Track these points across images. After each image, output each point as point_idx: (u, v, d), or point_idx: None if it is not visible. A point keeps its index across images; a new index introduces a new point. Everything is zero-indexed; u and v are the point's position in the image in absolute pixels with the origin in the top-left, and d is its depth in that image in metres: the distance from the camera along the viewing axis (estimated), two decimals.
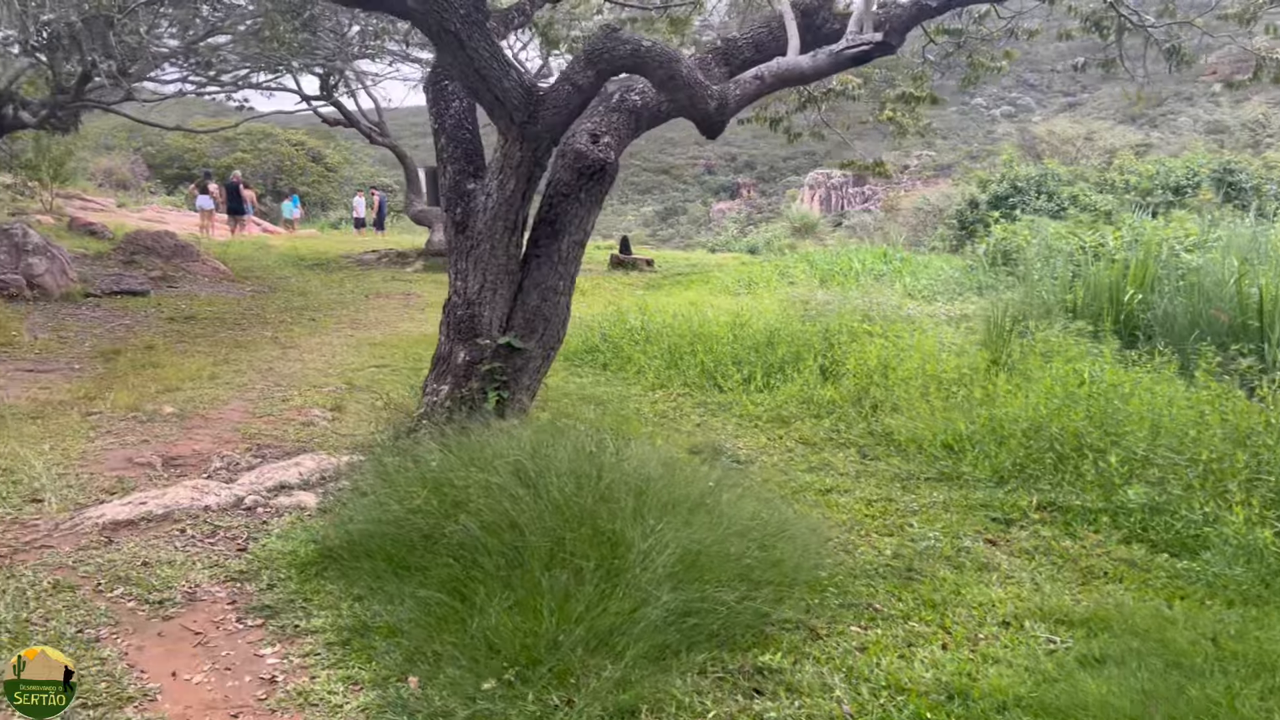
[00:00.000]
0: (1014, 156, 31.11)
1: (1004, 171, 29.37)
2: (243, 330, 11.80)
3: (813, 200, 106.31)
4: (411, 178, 22.94)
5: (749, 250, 41.66)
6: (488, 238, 5.71)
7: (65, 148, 25.67)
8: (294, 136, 57.64)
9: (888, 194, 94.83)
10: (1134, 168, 26.78)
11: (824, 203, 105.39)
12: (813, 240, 44.23)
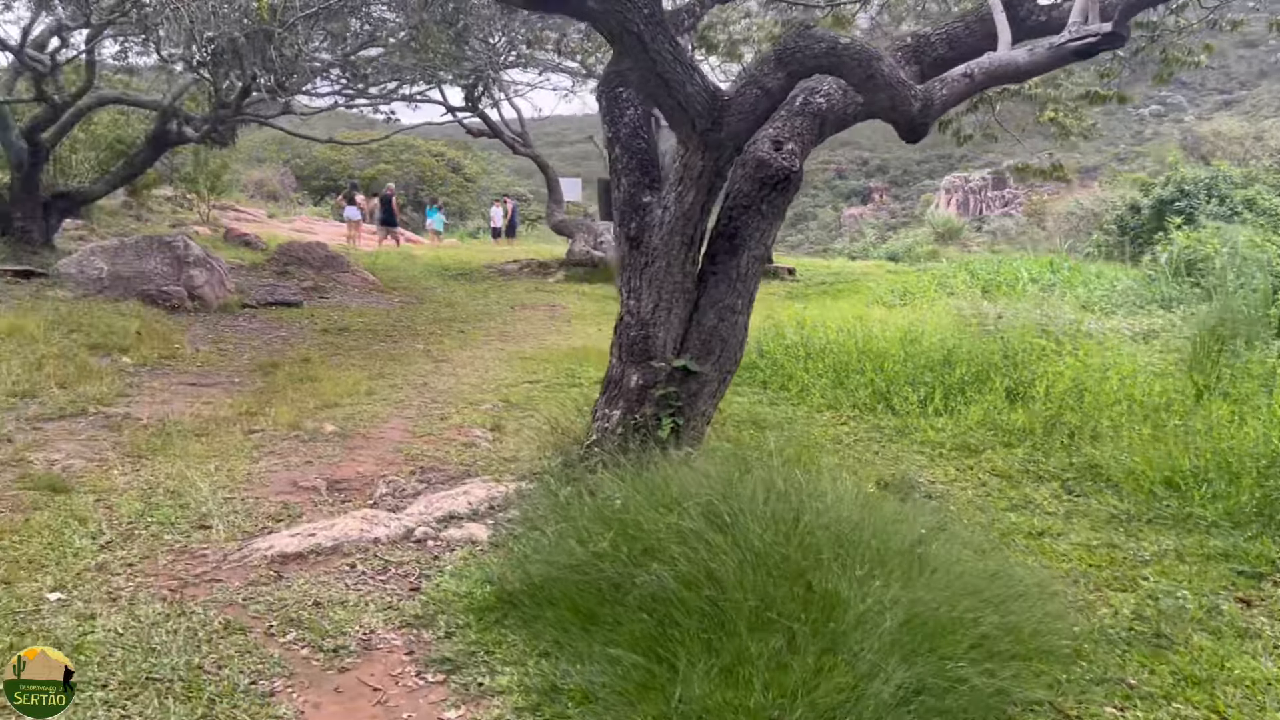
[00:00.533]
0: (1179, 158, 29.25)
1: (1169, 174, 27.64)
2: (395, 343, 11.77)
3: (949, 204, 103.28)
4: (552, 187, 22.93)
5: (889, 257, 40.49)
6: (664, 254, 5.33)
7: (222, 161, 26.67)
8: (434, 148, 58.99)
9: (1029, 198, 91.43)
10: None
11: (961, 207, 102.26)
12: (956, 246, 42.73)
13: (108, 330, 9.97)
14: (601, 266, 20.46)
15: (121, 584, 4.23)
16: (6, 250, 13.66)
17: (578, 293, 17.82)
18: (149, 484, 5.61)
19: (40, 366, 8.14)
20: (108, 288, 12.20)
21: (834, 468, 5.86)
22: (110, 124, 21.51)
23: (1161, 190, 27.01)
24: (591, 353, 10.87)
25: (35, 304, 10.71)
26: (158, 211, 26.00)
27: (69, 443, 6.44)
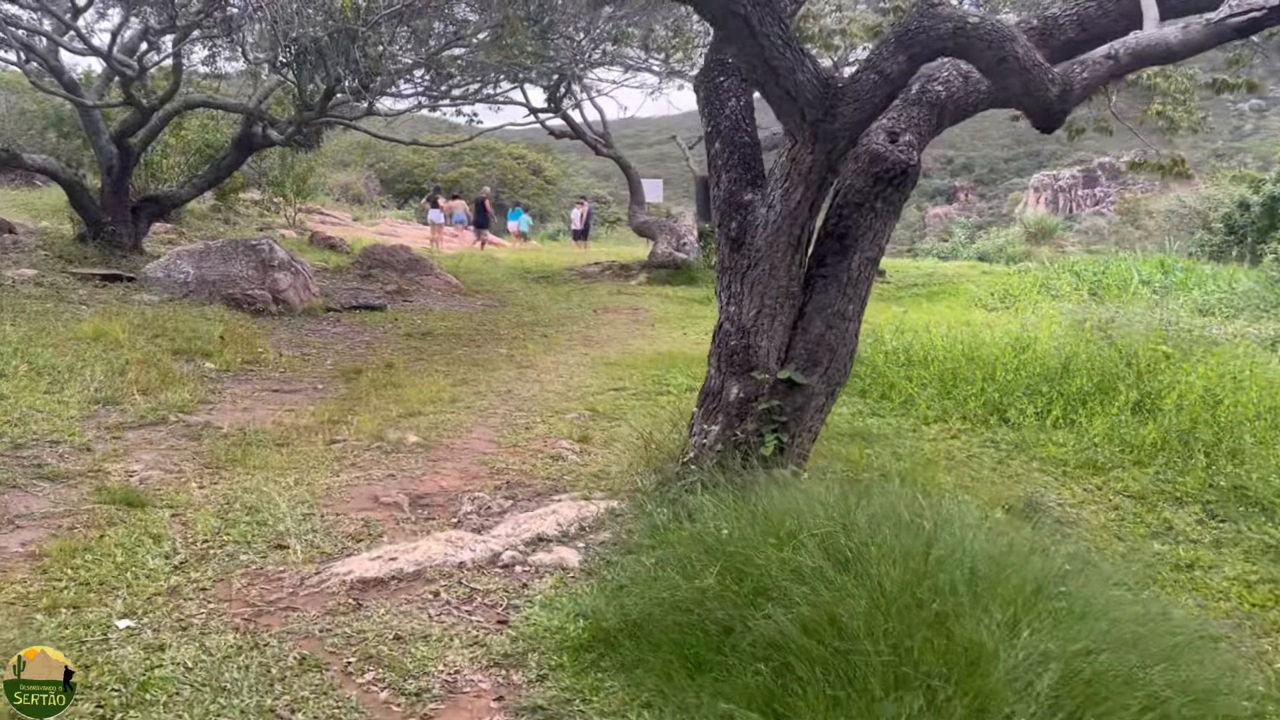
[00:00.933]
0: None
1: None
2: (477, 347, 11.54)
3: (1038, 203, 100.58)
4: (634, 188, 22.62)
5: (979, 258, 39.36)
6: (767, 256, 4.92)
7: (307, 165, 26.92)
8: (515, 150, 59.29)
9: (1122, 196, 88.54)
10: None
11: (1051, 205, 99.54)
12: (1050, 247, 41.36)
13: (192, 335, 9.89)
14: (684, 269, 20.09)
15: (193, 611, 3.96)
16: (97, 254, 13.78)
17: (661, 295, 17.46)
18: (226, 498, 5.38)
19: (123, 372, 8.03)
20: (193, 291, 12.20)
21: (952, 488, 5.39)
22: (199, 129, 21.82)
23: (1274, 187, 25.66)
24: (678, 358, 10.49)
25: (122, 308, 10.70)
26: (245, 215, 26.33)
27: (148, 452, 6.27)
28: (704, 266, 20.71)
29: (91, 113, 13.64)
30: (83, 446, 6.20)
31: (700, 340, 12.30)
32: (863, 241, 5.00)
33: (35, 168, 13.17)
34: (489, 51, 11.00)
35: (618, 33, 11.95)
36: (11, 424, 6.36)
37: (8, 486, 5.33)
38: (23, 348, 8.13)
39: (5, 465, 5.65)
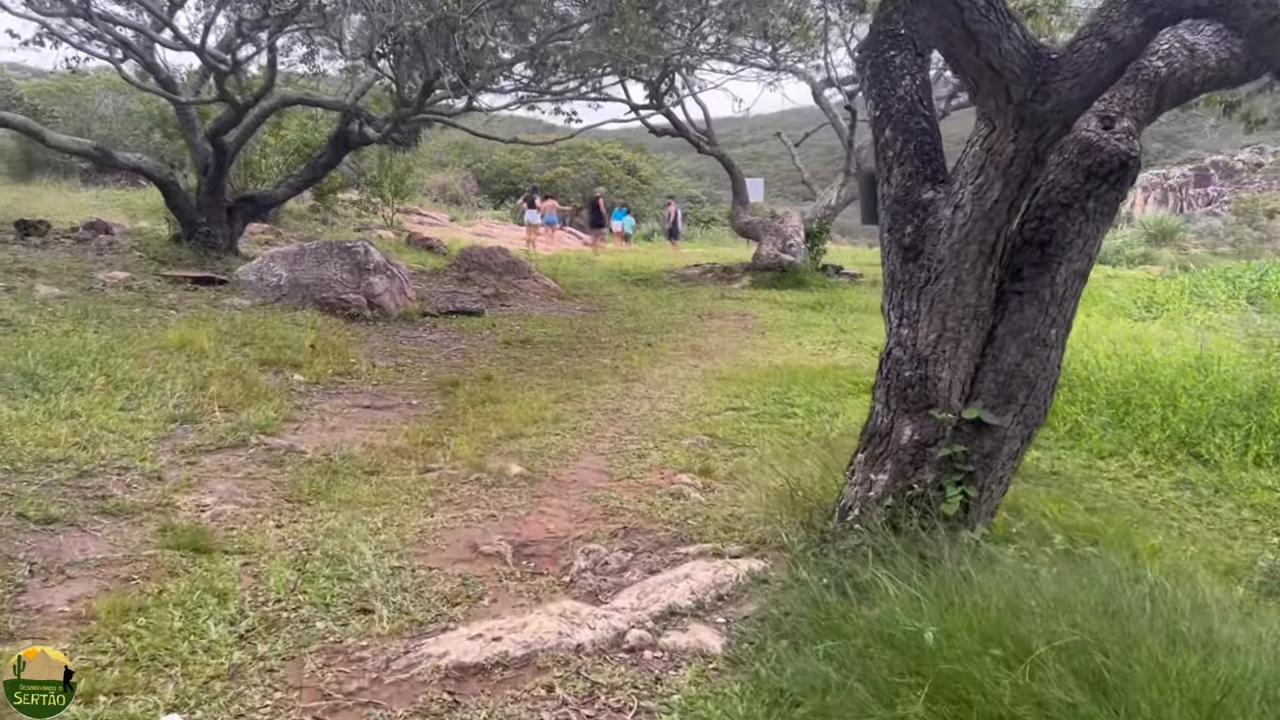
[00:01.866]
0: None
1: None
2: (579, 357, 10.79)
3: (1147, 202, 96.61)
4: (738, 188, 21.71)
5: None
6: (952, 267, 4.01)
7: (405, 165, 26.67)
8: (610, 150, 58.82)
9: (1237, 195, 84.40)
10: None
11: (1160, 205, 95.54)
12: (1172, 248, 39.14)
13: (281, 343, 9.33)
14: (791, 271, 19.11)
15: (255, 702, 3.24)
16: (191, 255, 13.44)
17: (768, 300, 16.53)
18: (305, 543, 4.68)
19: (205, 386, 7.46)
20: (286, 295, 11.71)
21: (1173, 553, 4.40)
22: (299, 128, 21.63)
23: None
24: (799, 373, 9.59)
25: (210, 313, 10.23)
26: (343, 215, 26.19)
27: (224, 481, 5.62)
28: (811, 269, 19.73)
29: (187, 111, 13.31)
30: (153, 474, 5.58)
31: (818, 351, 11.38)
32: (1070, 250, 4.05)
33: (128, 166, 12.87)
34: (597, 41, 10.19)
35: (734, 19, 11.07)
36: (80, 446, 5.78)
37: (66, 525, 4.72)
38: (102, 358, 7.61)
39: (67, 498, 5.04)
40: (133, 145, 23.94)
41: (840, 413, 7.77)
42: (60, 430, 5.95)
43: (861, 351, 11.34)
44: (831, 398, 8.43)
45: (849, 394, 8.57)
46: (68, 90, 29.37)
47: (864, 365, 10.26)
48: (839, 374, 9.54)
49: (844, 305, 15.37)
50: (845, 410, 7.84)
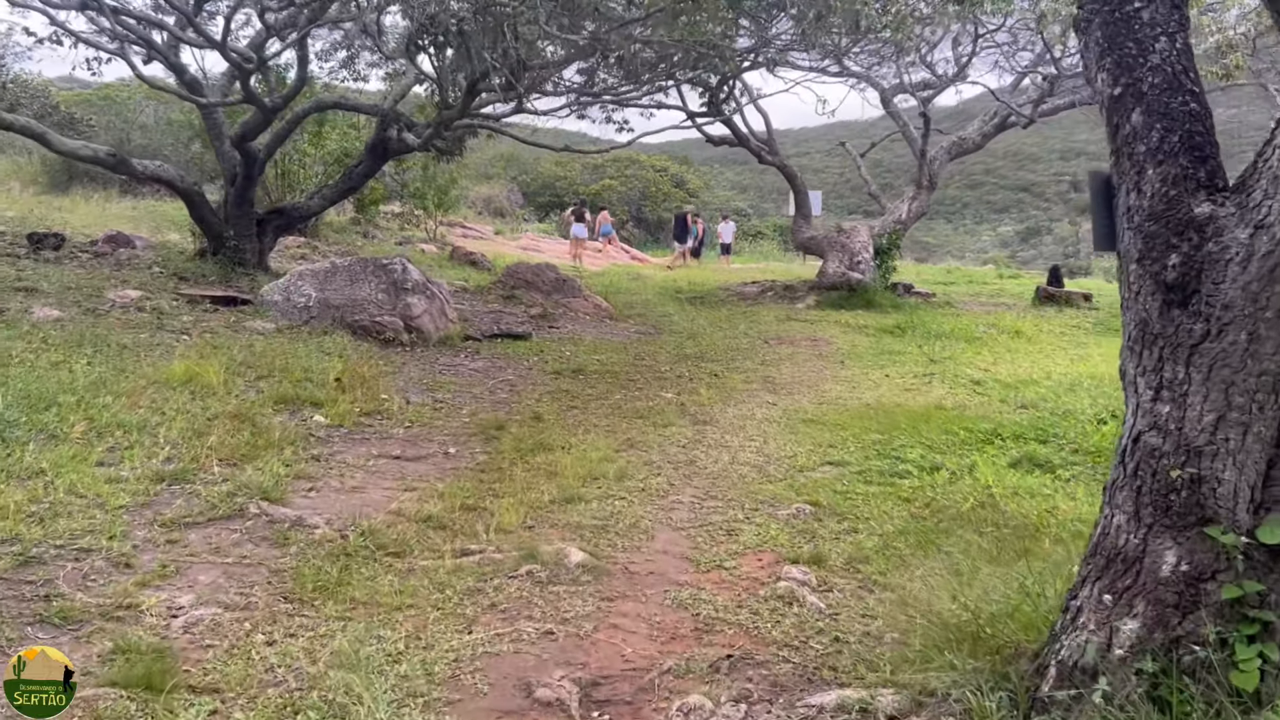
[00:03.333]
0: None
1: None
2: (638, 390, 9.54)
3: None
4: (800, 200, 20.40)
5: None
6: (1246, 317, 2.69)
7: (450, 176, 25.65)
8: (657, 162, 57.76)
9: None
10: None
11: None
12: None
13: (303, 375, 8.17)
14: (860, 290, 17.75)
15: None
16: (215, 271, 12.39)
17: (838, 323, 15.17)
18: (299, 676, 3.45)
19: (207, 432, 6.30)
20: (315, 318, 10.58)
21: None
22: (340, 137, 20.62)
23: None
24: (898, 415, 8.27)
25: (228, 339, 9.11)
26: (385, 228, 25.22)
27: (208, 569, 4.42)
28: (881, 288, 18.34)
29: (214, 114, 12.28)
30: (120, 559, 4.39)
31: (911, 386, 10.03)
32: None
33: (147, 175, 11.85)
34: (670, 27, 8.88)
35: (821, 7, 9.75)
36: (34, 519, 4.62)
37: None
38: (89, 397, 6.48)
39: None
40: (172, 156, 23.14)
41: (963, 472, 6.44)
42: (13, 497, 4.79)
43: (960, 387, 9.97)
44: (946, 450, 7.09)
45: (965, 444, 7.22)
46: (109, 100, 28.76)
47: (970, 406, 8.91)
48: (945, 418, 8.20)
49: (927, 330, 13.97)
50: (969, 468, 6.51)
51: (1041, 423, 7.77)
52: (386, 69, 17.01)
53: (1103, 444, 6.94)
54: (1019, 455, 6.76)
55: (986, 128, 19.71)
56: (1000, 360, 12.01)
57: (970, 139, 19.76)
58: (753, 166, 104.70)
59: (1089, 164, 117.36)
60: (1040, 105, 17.90)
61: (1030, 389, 9.69)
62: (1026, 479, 6.23)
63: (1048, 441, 7.26)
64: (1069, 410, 8.30)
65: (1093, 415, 7.94)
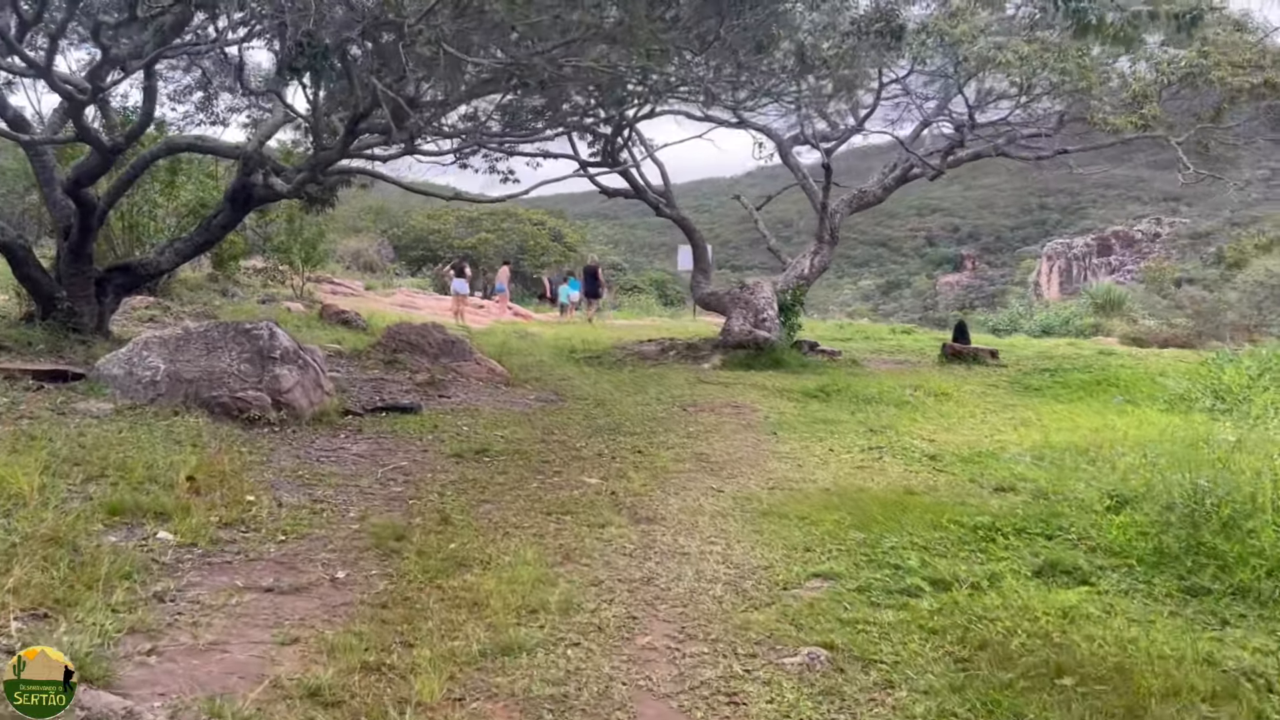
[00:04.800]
0: None
1: None
2: (559, 476, 8.15)
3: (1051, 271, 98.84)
4: (699, 255, 19.42)
5: (1043, 330, 36.23)
6: None
7: (318, 229, 23.86)
8: (535, 216, 56.67)
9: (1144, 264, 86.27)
10: None
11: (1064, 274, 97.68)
12: (1120, 318, 38.12)
13: (146, 474, 6.51)
14: (768, 350, 16.77)
15: None
16: (45, 339, 10.48)
17: (755, 386, 14.08)
18: None
19: (6, 567, 4.64)
20: (163, 395, 8.86)
21: None
22: (197, 186, 18.66)
23: None
24: (864, 502, 7.15)
25: (51, 427, 7.36)
26: (247, 285, 23.17)
27: None
28: (788, 347, 17.41)
29: (43, 157, 10.47)
30: None
31: (863, 463, 8.95)
32: None
33: None
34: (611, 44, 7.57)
35: (761, 37, 8.68)
36: None
37: None
38: None
39: None
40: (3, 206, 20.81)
41: (984, 585, 5.27)
42: None
43: (916, 463, 8.92)
44: (945, 552, 5.94)
45: (964, 544, 6.09)
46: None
47: (940, 488, 7.85)
48: (922, 506, 7.09)
49: (852, 394, 13.00)
50: (990, 580, 5.35)
51: (1037, 512, 6.71)
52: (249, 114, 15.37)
53: (1124, 540, 5.90)
54: (1039, 561, 5.64)
55: (887, 180, 19.17)
56: (941, 428, 11.09)
57: (871, 191, 19.18)
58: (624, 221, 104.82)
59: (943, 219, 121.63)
60: (949, 155, 17.44)
61: (992, 464, 8.70)
62: (1063, 595, 5.09)
63: (1055, 537, 6.19)
64: (1060, 494, 7.28)
65: (1091, 499, 6.93)
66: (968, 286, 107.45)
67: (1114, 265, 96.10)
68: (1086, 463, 8.47)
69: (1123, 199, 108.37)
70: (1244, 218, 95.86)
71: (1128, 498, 6.66)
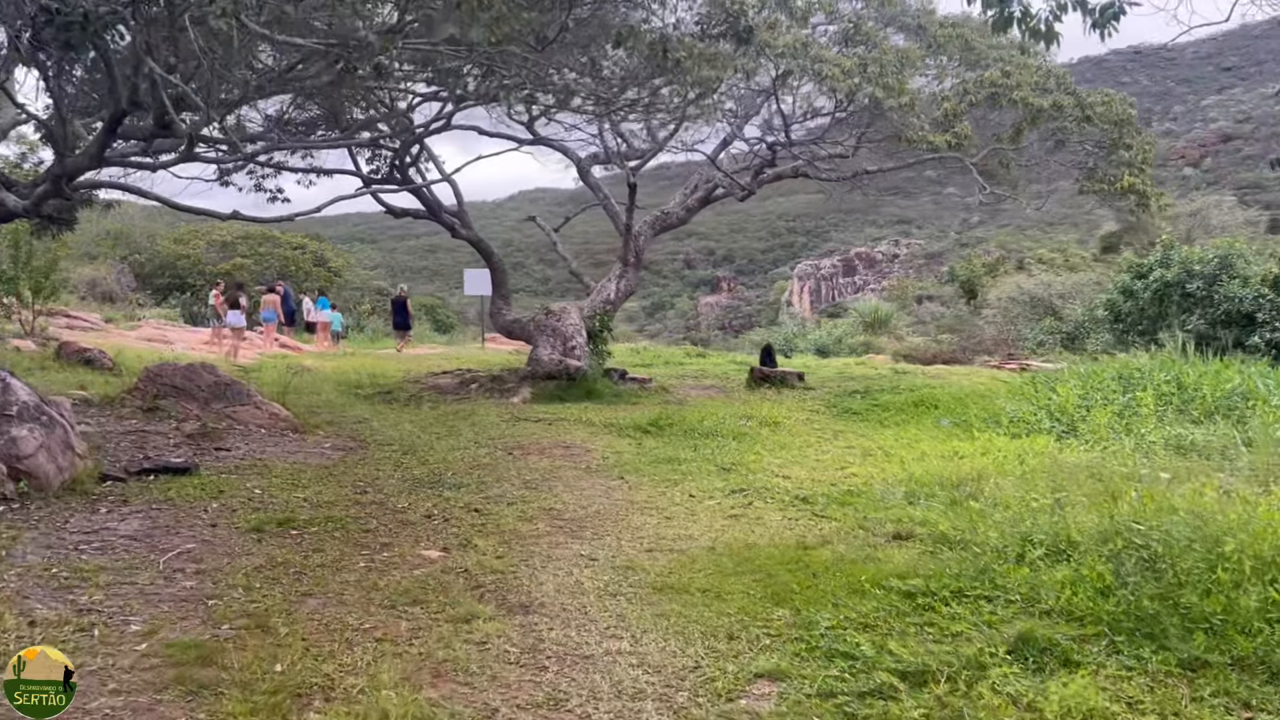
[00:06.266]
0: (1172, 239, 26.63)
1: (1172, 252, 24.88)
2: (389, 550, 6.73)
3: (803, 291, 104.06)
4: (498, 280, 18.14)
5: (817, 350, 37.15)
6: None
7: (50, 257, 20.78)
8: (294, 240, 53.32)
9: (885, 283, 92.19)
10: None
11: (814, 294, 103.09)
12: (888, 336, 39.67)
13: None
14: (580, 380, 15.71)
15: None
16: None
17: (579, 422, 12.97)
18: None
19: None
20: None
21: None
22: None
23: (1165, 272, 24.18)
24: (766, 564, 6.23)
25: None
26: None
27: None
28: (599, 375, 16.43)
29: None
30: None
31: (734, 511, 8.07)
32: None
33: None
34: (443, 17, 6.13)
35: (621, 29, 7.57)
36: None
37: None
38: None
39: None
40: None
41: (964, 677, 4.38)
42: None
43: (791, 508, 8.08)
44: (889, 628, 5.04)
45: (905, 617, 5.21)
46: None
47: (834, 539, 7.02)
48: (823, 563, 6.24)
49: (684, 427, 12.11)
50: (970, 669, 4.46)
51: (963, 568, 5.94)
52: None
53: (1083, 602, 5.16)
54: (1007, 636, 4.81)
55: (690, 200, 18.60)
56: (787, 460, 10.37)
57: (674, 213, 18.55)
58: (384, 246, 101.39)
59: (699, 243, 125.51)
60: (760, 174, 17.02)
61: (870, 506, 7.98)
62: (1065, 686, 4.26)
63: (997, 599, 5.42)
64: (967, 541, 6.57)
65: (1007, 547, 6.24)
66: (727, 307, 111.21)
67: (858, 284, 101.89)
68: (964, 498, 7.88)
69: (861, 222, 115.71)
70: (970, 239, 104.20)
71: (1055, 546, 6.01)
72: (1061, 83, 15.72)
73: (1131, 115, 16.00)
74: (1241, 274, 22.89)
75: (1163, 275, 24.20)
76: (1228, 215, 43.12)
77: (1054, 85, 15.59)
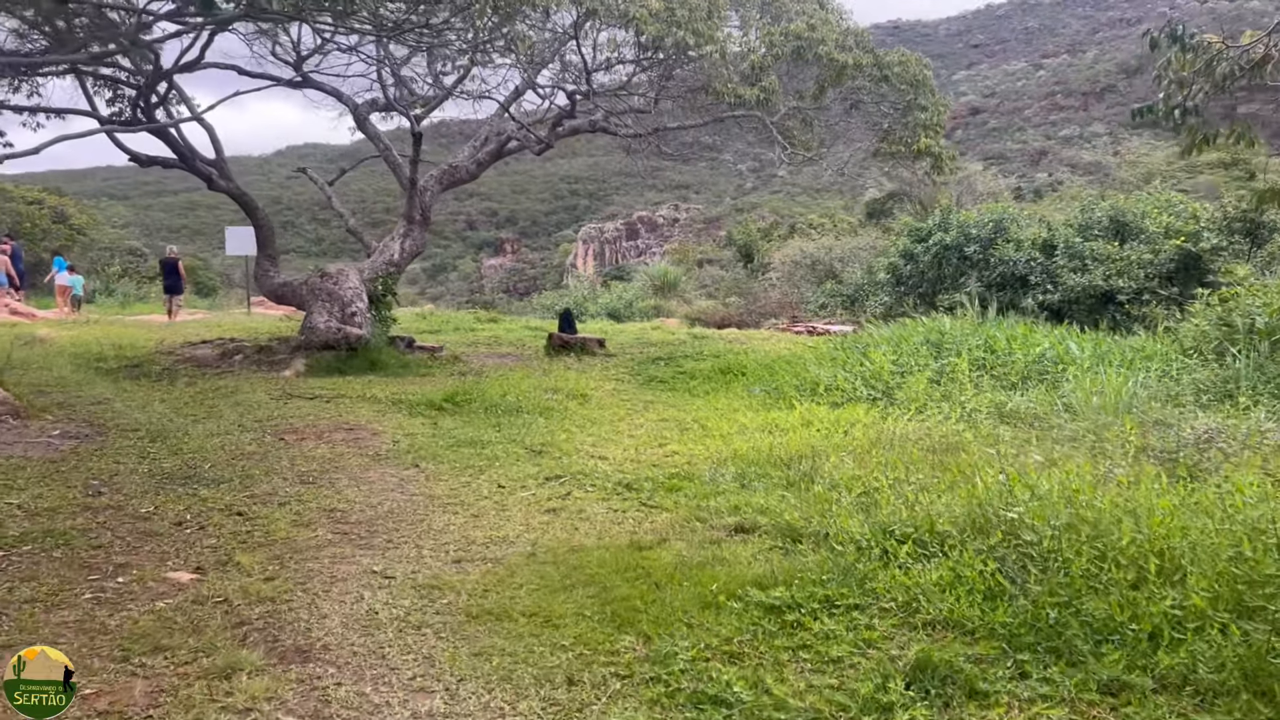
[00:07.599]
0: (951, 203, 27.45)
1: (951, 216, 25.60)
2: (126, 572, 5.34)
3: (588, 254, 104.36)
4: (264, 239, 16.25)
5: (609, 314, 36.57)
6: None
7: None
8: (29, 194, 47.91)
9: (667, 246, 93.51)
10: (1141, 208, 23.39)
11: (599, 257, 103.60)
12: (677, 300, 39.55)
13: None
14: (362, 350, 14.23)
15: None
16: None
17: (362, 398, 11.55)
18: None
19: None
20: None
21: None
22: None
23: (945, 235, 24.85)
24: (601, 576, 5.28)
25: None
26: None
27: None
28: (384, 344, 14.99)
29: None
30: None
31: (552, 504, 7.05)
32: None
33: None
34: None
35: None
36: None
37: None
38: None
39: None
40: None
41: None
42: None
43: (614, 497, 7.16)
44: (754, 654, 4.19)
45: (769, 635, 4.39)
46: None
47: (672, 536, 6.12)
48: (664, 568, 5.33)
49: (484, 402, 10.93)
50: (863, 709, 3.66)
51: (825, 570, 5.17)
52: None
53: (969, 610, 4.49)
54: (899, 662, 4.05)
55: (480, 154, 17.25)
56: (600, 438, 9.47)
57: (464, 166, 17.15)
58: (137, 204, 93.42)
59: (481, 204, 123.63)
60: (558, 127, 15.89)
61: (700, 492, 7.15)
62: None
63: (868, 609, 4.68)
64: (819, 532, 5.84)
65: (867, 539, 5.54)
66: (511, 270, 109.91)
67: (641, 248, 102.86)
68: (801, 478, 7.21)
69: (641, 186, 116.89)
70: (745, 204, 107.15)
71: (920, 540, 5.35)
72: (860, 41, 15.52)
73: (928, 76, 16.05)
74: (1015, 238, 23.77)
75: (942, 239, 24.83)
76: (992, 182, 45.59)
77: (853, 44, 15.34)
